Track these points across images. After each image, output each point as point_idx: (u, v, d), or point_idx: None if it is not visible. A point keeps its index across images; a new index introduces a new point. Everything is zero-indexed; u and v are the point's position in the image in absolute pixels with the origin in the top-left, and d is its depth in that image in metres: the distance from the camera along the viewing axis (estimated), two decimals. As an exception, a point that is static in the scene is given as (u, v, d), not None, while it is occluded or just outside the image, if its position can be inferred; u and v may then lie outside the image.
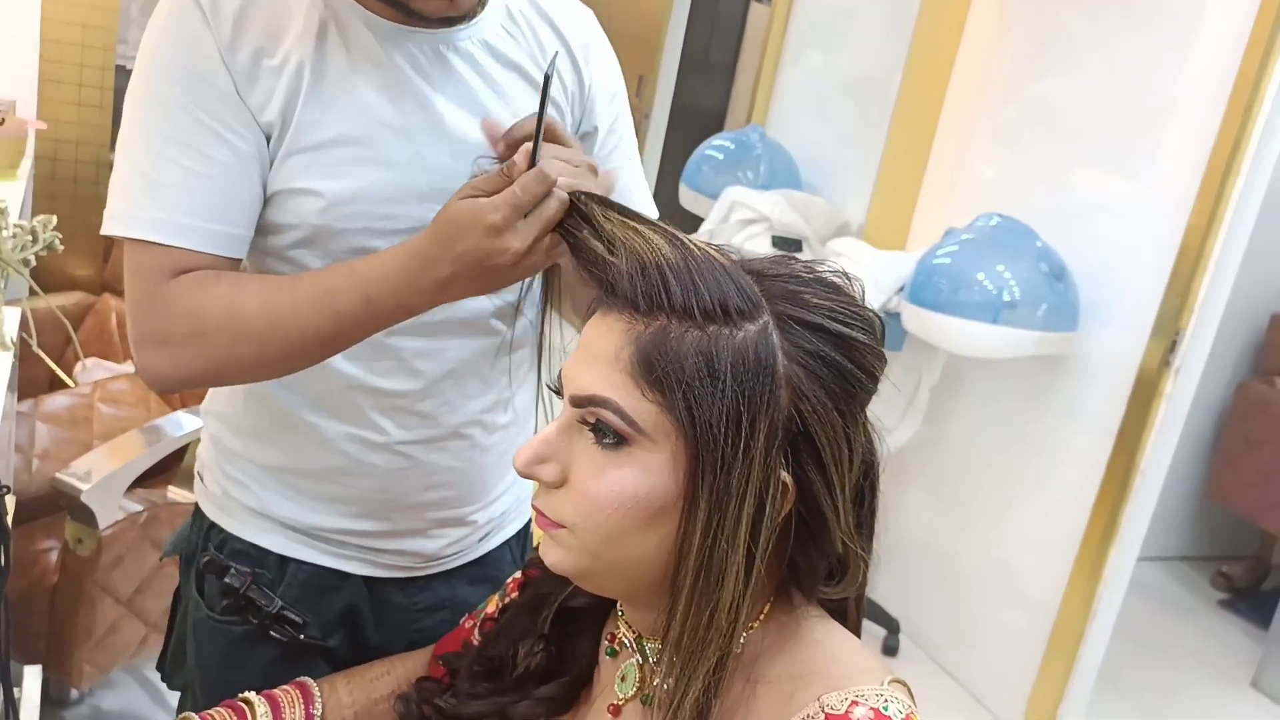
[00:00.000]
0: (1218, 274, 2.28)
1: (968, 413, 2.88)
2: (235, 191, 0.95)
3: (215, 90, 0.93)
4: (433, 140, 0.98)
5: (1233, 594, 3.64)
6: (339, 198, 0.96)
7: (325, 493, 1.08)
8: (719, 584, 0.66)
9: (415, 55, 0.98)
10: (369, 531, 1.10)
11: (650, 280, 0.68)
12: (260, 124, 0.95)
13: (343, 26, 0.96)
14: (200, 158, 0.93)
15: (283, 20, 0.96)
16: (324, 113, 0.95)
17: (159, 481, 2.08)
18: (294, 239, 0.99)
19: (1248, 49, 2.19)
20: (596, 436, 0.69)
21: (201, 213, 0.93)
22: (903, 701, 0.67)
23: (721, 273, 0.68)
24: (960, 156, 2.96)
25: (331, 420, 1.05)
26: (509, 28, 1.04)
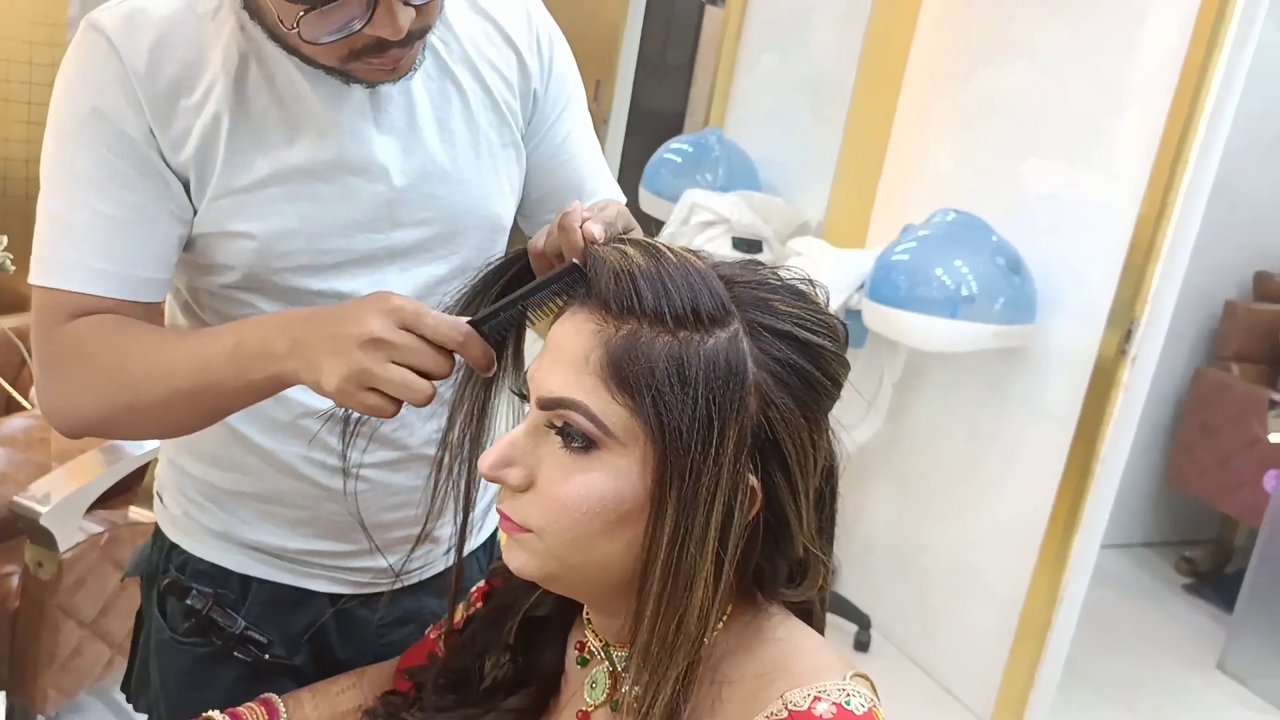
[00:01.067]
0: (1170, 263, 2.31)
1: (929, 407, 2.91)
2: (145, 234, 0.92)
3: (120, 131, 0.90)
4: (367, 174, 0.97)
5: (1196, 578, 3.70)
6: (271, 237, 0.94)
7: (287, 516, 1.07)
8: (688, 589, 0.66)
9: (343, 89, 0.95)
10: (333, 551, 1.09)
11: (621, 284, 0.68)
12: (174, 164, 0.93)
13: (264, 62, 0.94)
14: (111, 199, 0.91)
15: (201, 53, 0.93)
16: (249, 154, 0.93)
17: (120, 502, 2.06)
18: (235, 279, 0.97)
19: (1193, 40, 2.23)
20: (564, 440, 0.69)
21: (111, 256, 0.91)
22: (865, 695, 0.68)
23: (695, 278, 0.68)
24: (915, 153, 2.98)
25: (288, 445, 1.04)
26: (439, 33, 1.01)
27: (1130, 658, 3.18)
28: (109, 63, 0.90)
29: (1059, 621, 2.54)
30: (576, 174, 1.14)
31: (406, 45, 0.89)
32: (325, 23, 0.83)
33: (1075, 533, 2.48)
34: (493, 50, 1.05)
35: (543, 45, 1.08)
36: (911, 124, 3.00)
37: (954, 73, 2.86)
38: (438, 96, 1.00)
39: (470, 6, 1.04)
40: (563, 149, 1.12)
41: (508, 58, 1.05)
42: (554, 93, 1.10)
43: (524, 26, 1.07)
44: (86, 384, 0.91)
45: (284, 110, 0.94)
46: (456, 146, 1.02)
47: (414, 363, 0.77)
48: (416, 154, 0.99)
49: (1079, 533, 2.48)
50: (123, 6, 0.92)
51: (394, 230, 0.99)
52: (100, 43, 0.90)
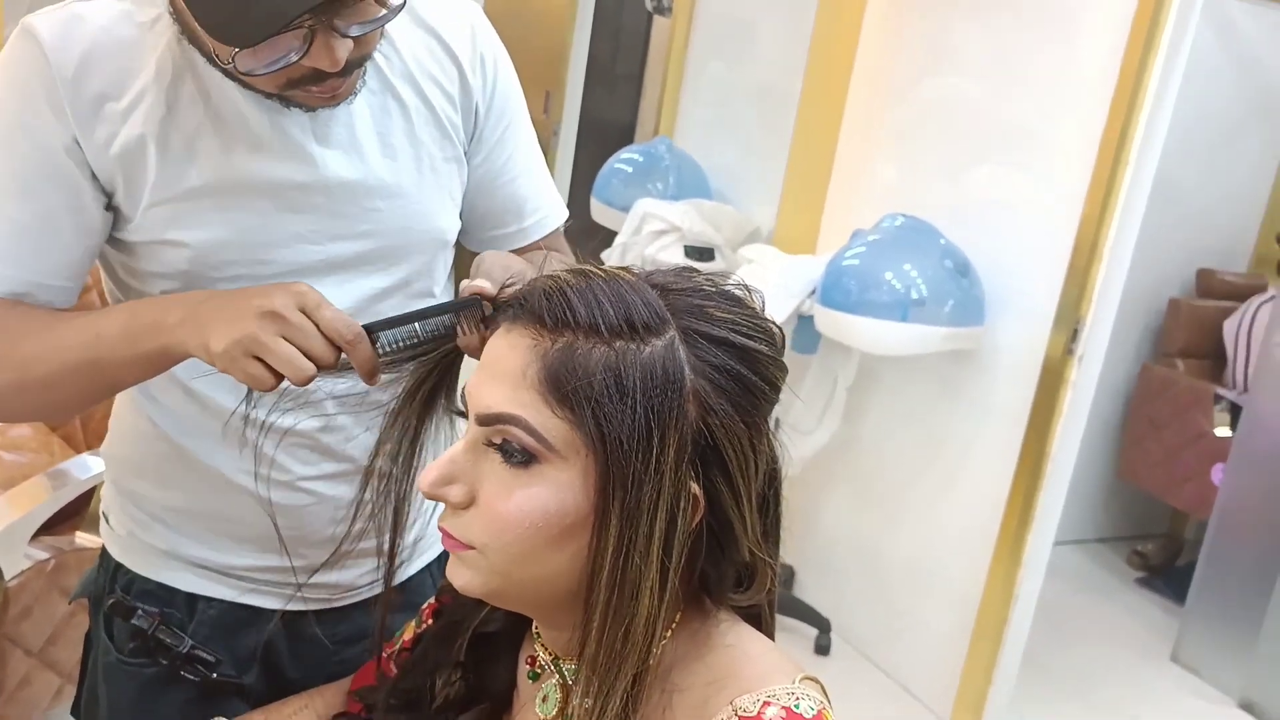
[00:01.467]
0: (1113, 262, 2.35)
1: (883, 410, 2.93)
2: (59, 241, 0.94)
3: (39, 141, 0.91)
4: (304, 188, 0.97)
5: (1148, 571, 3.75)
6: (206, 246, 0.95)
7: (233, 532, 1.06)
8: (633, 599, 0.66)
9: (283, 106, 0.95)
10: (281, 567, 1.07)
11: (553, 299, 0.68)
12: (100, 169, 0.93)
13: (200, 76, 0.93)
14: (23, 206, 0.92)
15: (135, 61, 0.92)
16: (183, 164, 0.93)
17: (66, 527, 2.02)
18: (168, 287, 0.97)
19: (1129, 42, 2.27)
20: (504, 455, 0.69)
21: (20, 263, 0.92)
22: (814, 698, 0.68)
23: (626, 289, 0.68)
24: (863, 159, 3.01)
25: (230, 459, 1.03)
26: (381, 48, 1.00)
27: (1086, 651, 3.22)
28: (37, 69, 0.90)
29: (1015, 618, 2.56)
30: (518, 194, 1.14)
31: (345, 75, 0.89)
32: (261, 57, 0.84)
33: (1029, 530, 2.51)
34: (434, 65, 1.04)
35: (486, 62, 1.08)
36: (858, 131, 3.03)
37: (898, 80, 2.89)
38: (379, 111, 1.00)
39: (413, 20, 1.04)
40: (505, 169, 1.12)
41: (450, 72, 1.05)
42: (497, 110, 1.09)
43: (467, 42, 1.07)
44: None
45: (219, 122, 0.94)
46: (398, 161, 1.01)
47: (302, 344, 0.79)
48: (356, 168, 0.99)
49: (1032, 530, 2.50)
50: (60, 12, 0.92)
51: (332, 243, 0.99)
52: (32, 48, 0.91)
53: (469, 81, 1.06)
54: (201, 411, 1.02)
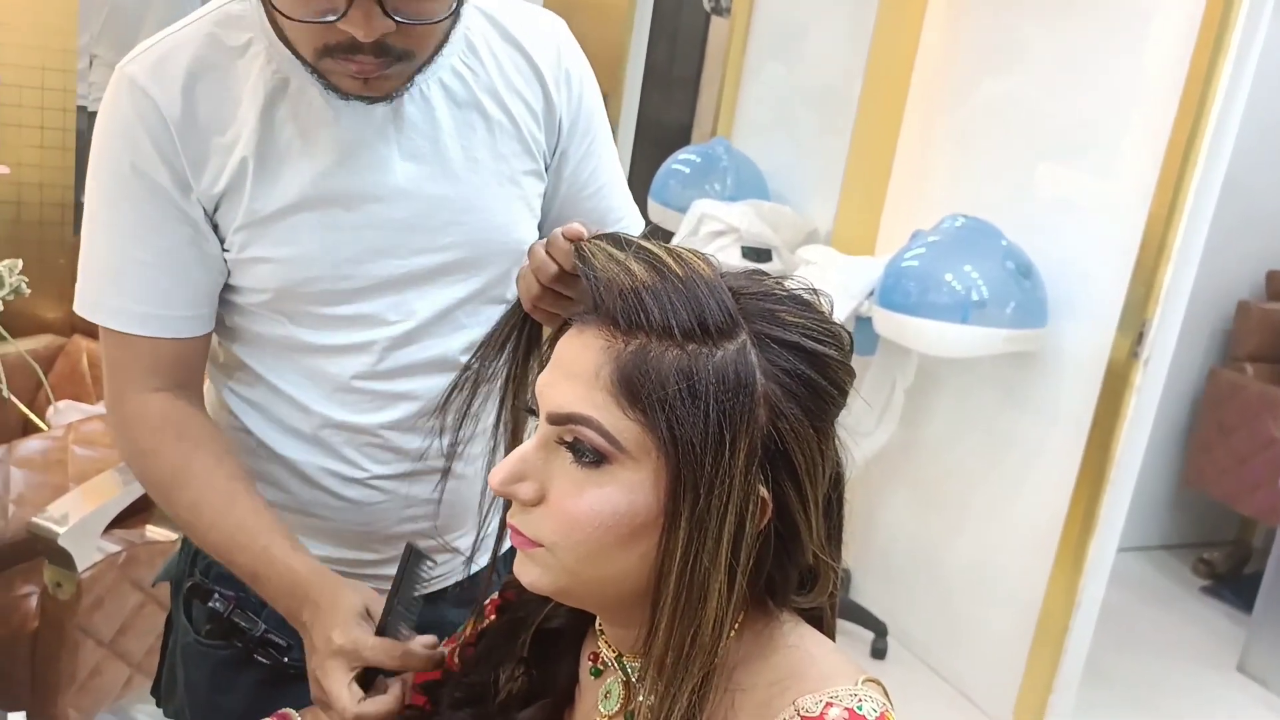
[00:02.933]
0: (1181, 263, 2.31)
1: (943, 413, 2.90)
2: (187, 276, 0.99)
3: (154, 183, 0.95)
4: (387, 201, 0.99)
5: (1214, 580, 3.67)
6: (292, 263, 0.98)
7: (306, 524, 1.09)
8: (702, 601, 0.66)
9: (368, 112, 0.97)
10: (350, 559, 1.10)
11: (628, 300, 0.68)
12: (206, 198, 0.97)
13: (294, 92, 0.96)
14: (148, 248, 0.97)
15: (232, 90, 0.96)
16: (272, 185, 0.96)
17: (137, 521, 2.07)
18: (260, 300, 1.01)
19: (1200, 37, 2.23)
20: (575, 455, 0.69)
21: (156, 300, 0.98)
22: (877, 700, 0.68)
23: (701, 290, 0.68)
24: (923, 159, 2.99)
25: (308, 454, 1.06)
26: (468, 61, 1.03)
27: (1149, 660, 3.16)
28: (142, 113, 0.94)
29: (1077, 625, 2.53)
30: (601, 206, 1.16)
31: (380, 57, 0.90)
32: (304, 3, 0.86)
33: (1092, 536, 2.47)
34: (520, 80, 1.06)
35: (572, 79, 1.10)
36: (918, 130, 3.00)
37: (960, 78, 2.86)
38: (462, 125, 1.02)
39: (502, 36, 1.06)
40: (590, 182, 1.15)
41: (534, 88, 1.07)
42: (582, 126, 1.12)
43: (553, 59, 1.09)
44: (143, 469, 1.04)
45: (307, 140, 0.97)
46: (479, 174, 1.03)
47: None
48: (439, 181, 1.01)
49: (1096, 536, 2.47)
50: (150, 53, 0.96)
51: (414, 256, 1.01)
52: (135, 94, 0.94)
53: (553, 98, 1.08)
54: (291, 408, 1.05)
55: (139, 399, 1.01)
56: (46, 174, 2.54)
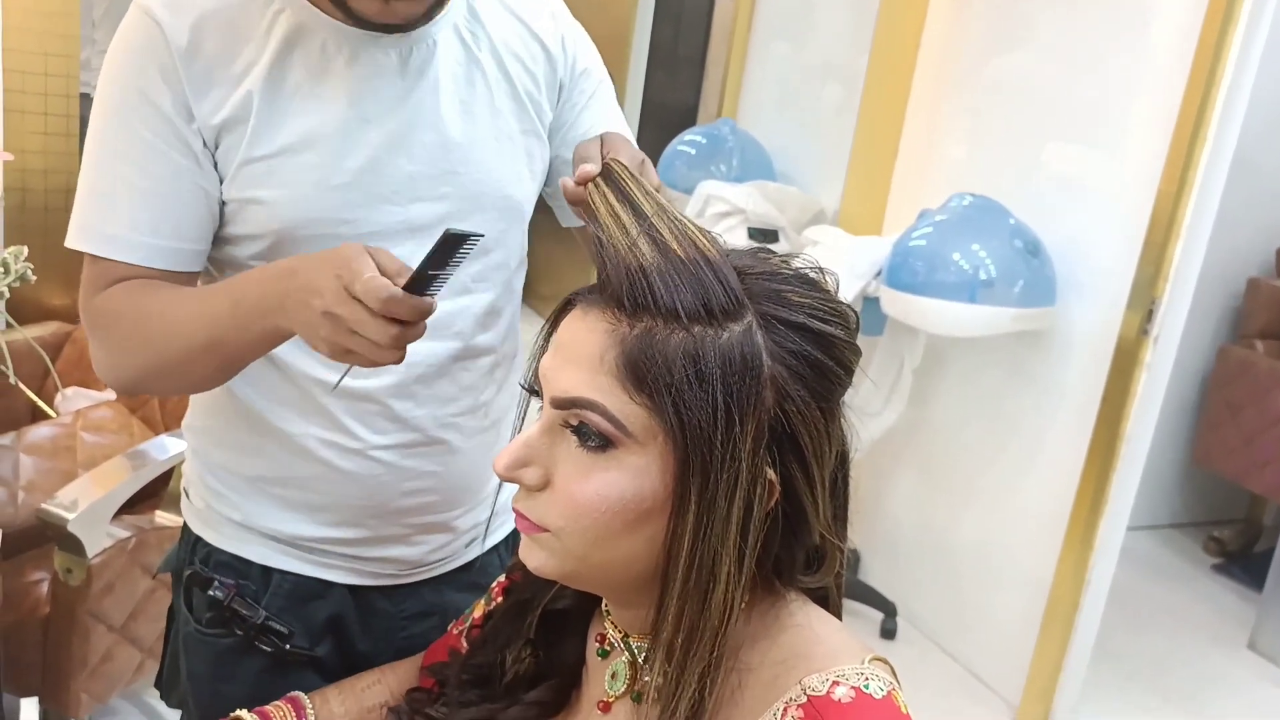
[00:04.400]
0: (1190, 240, 2.29)
1: (951, 393, 2.89)
2: (181, 207, 0.97)
3: (157, 109, 0.95)
4: (390, 146, 0.99)
5: (1225, 558, 3.67)
6: (291, 204, 0.97)
7: (305, 501, 1.09)
8: (710, 584, 0.66)
9: (377, 62, 0.99)
10: (350, 539, 1.10)
11: (635, 281, 0.67)
12: (208, 129, 0.96)
13: (306, 35, 0.97)
14: (144, 174, 0.96)
15: (242, 30, 0.97)
16: (278, 125, 0.97)
17: (146, 506, 2.08)
18: (257, 251, 1.00)
19: (1208, 12, 2.21)
20: (580, 439, 0.68)
21: (145, 228, 0.96)
22: (883, 679, 0.68)
23: (705, 272, 0.67)
24: (930, 138, 2.97)
25: (307, 426, 1.06)
26: (471, 26, 1.05)
27: (1159, 639, 3.16)
28: (152, 41, 0.95)
29: (1087, 604, 2.52)
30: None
31: None
32: None
33: (1101, 515, 2.46)
34: (520, 46, 1.09)
35: (566, 41, 1.13)
36: (925, 109, 2.99)
37: (966, 57, 2.84)
38: (463, 80, 1.04)
39: (503, 7, 1.10)
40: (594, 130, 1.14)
41: (534, 52, 1.10)
42: (580, 84, 1.14)
43: (549, 24, 1.12)
44: (119, 346, 0.97)
45: (316, 83, 0.98)
46: (477, 127, 1.05)
47: (362, 332, 0.79)
48: (439, 129, 1.02)
49: (1105, 515, 2.46)
50: None
51: (412, 204, 1.02)
52: (146, 22, 0.95)
53: (554, 59, 1.11)
54: (281, 376, 1.05)
55: (100, 296, 0.98)
56: (50, 160, 2.53)
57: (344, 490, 1.07)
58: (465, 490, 1.14)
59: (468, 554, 1.19)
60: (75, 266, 1.02)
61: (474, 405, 1.11)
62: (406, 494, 1.09)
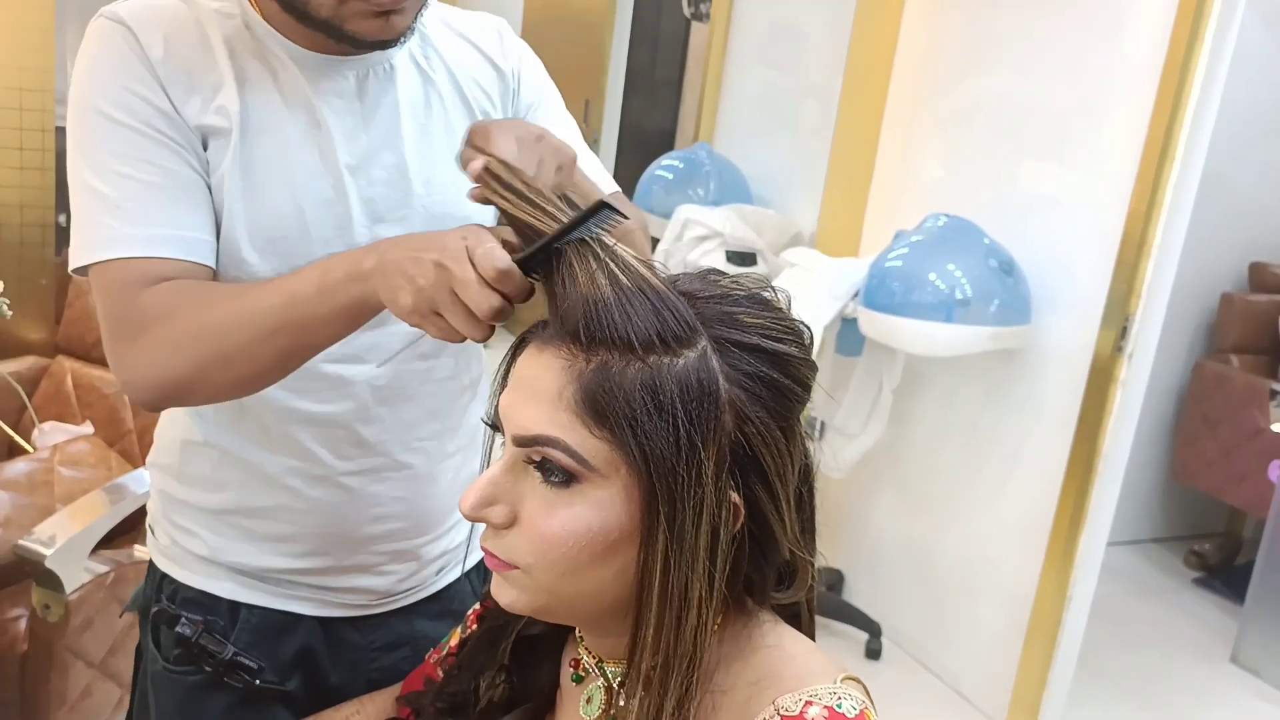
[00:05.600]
0: (1162, 257, 2.32)
1: (930, 412, 2.91)
2: (193, 197, 0.96)
3: (152, 106, 0.94)
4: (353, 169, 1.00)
5: (1206, 571, 3.69)
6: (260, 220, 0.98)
7: (271, 532, 1.08)
8: (683, 610, 0.67)
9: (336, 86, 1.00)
10: (317, 569, 1.10)
11: (590, 316, 0.67)
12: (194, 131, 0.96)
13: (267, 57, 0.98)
14: (152, 168, 0.94)
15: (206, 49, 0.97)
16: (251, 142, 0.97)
17: (125, 540, 2.06)
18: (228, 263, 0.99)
19: (1174, 31, 2.24)
20: (544, 475, 0.68)
21: (166, 221, 0.94)
22: (856, 698, 0.68)
23: (657, 300, 0.68)
24: (905, 159, 3.00)
25: (272, 455, 1.05)
26: (425, 51, 1.07)
27: (1142, 653, 3.16)
28: (129, 48, 0.94)
29: (1069, 620, 2.53)
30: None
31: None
32: None
33: (1081, 531, 2.47)
34: (473, 67, 1.11)
35: (510, 57, 1.14)
36: (899, 131, 3.02)
37: (939, 78, 2.87)
38: (420, 104, 1.05)
39: (448, 28, 1.11)
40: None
41: (487, 72, 1.11)
42: (525, 99, 1.15)
43: (496, 44, 1.13)
44: (172, 342, 0.90)
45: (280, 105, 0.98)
46: (434, 149, 1.05)
47: (464, 295, 0.75)
48: (398, 151, 1.03)
49: (1085, 530, 2.47)
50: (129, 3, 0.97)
51: (376, 225, 1.02)
52: (119, 30, 0.95)
53: (505, 77, 1.13)
54: (239, 407, 1.04)
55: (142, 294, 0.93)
56: (26, 194, 2.53)
57: (310, 519, 1.07)
58: (432, 517, 1.14)
59: (438, 582, 1.18)
60: (51, 301, 1.00)
61: (440, 430, 1.11)
62: (374, 520, 1.09)
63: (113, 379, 2.44)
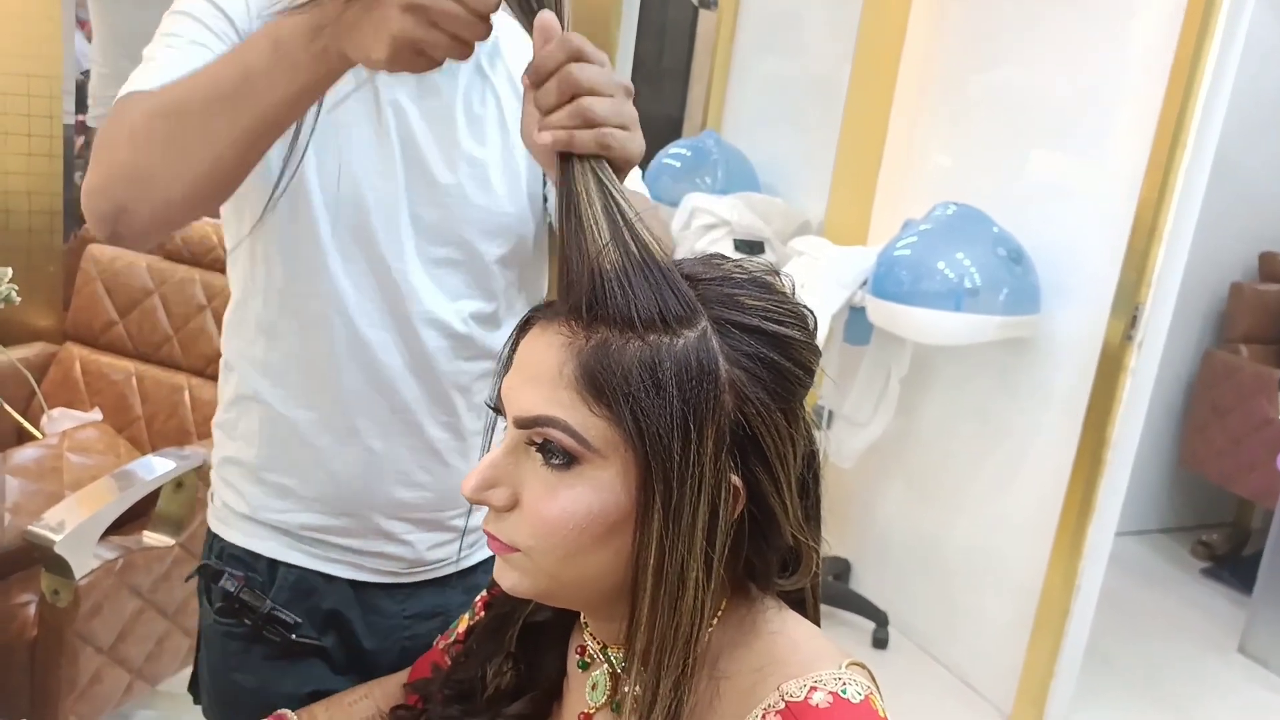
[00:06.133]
0: (1172, 246, 2.31)
1: (938, 401, 2.90)
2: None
3: (228, 19, 0.97)
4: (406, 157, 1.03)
5: (1214, 562, 3.68)
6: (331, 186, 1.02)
7: (302, 489, 1.11)
8: (679, 592, 0.66)
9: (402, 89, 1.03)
10: (344, 529, 1.12)
11: (596, 288, 0.67)
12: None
13: None
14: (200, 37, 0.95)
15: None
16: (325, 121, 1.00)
17: (134, 527, 2.07)
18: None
19: (1186, 20, 2.23)
20: (545, 457, 0.69)
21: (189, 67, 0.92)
22: (861, 683, 0.68)
23: (659, 279, 0.68)
24: (913, 148, 2.99)
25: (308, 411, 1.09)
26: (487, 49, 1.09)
27: (1150, 643, 3.16)
28: None
29: (1077, 610, 2.53)
30: None
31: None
32: None
33: (1090, 521, 2.47)
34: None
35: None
36: (908, 119, 3.00)
37: (948, 66, 2.86)
38: (478, 99, 1.07)
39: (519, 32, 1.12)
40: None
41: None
42: None
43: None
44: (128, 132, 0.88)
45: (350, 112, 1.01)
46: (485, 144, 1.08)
47: (447, 27, 0.76)
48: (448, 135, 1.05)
49: (1093, 520, 2.47)
50: None
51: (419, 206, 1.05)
52: None
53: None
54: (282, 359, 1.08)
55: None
56: (34, 182, 2.53)
57: (339, 479, 1.10)
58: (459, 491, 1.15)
59: (471, 557, 1.20)
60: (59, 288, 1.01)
61: (469, 405, 1.12)
62: (400, 485, 1.12)
63: (122, 366, 2.45)
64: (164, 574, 2.04)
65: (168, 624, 2.09)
